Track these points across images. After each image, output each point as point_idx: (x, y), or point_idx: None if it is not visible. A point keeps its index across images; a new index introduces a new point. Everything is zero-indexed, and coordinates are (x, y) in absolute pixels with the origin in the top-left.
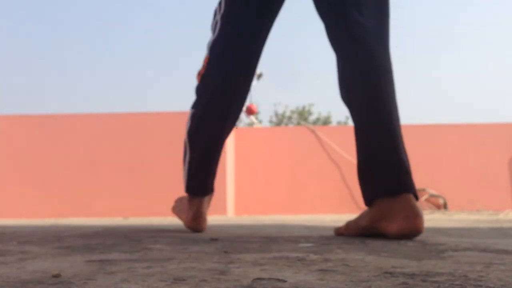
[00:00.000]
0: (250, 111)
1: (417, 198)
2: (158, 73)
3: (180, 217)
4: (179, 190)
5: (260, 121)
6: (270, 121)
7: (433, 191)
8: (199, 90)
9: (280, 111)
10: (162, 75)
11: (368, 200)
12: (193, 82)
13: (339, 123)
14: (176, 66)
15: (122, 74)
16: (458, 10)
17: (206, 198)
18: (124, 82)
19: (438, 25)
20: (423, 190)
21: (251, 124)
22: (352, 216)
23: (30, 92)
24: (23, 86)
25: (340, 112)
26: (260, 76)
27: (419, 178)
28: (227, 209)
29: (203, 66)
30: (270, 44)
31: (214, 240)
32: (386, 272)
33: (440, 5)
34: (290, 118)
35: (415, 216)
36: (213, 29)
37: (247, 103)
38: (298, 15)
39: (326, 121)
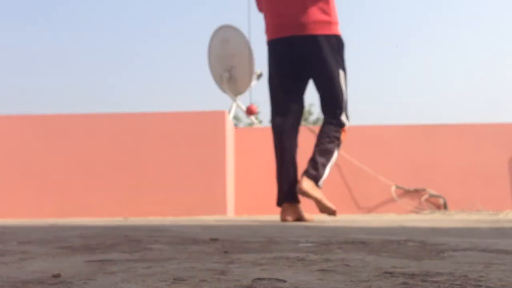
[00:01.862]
0: (250, 112)
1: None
2: (158, 73)
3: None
4: (179, 190)
5: (260, 121)
6: (270, 121)
7: (433, 191)
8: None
9: None
10: (162, 75)
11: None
12: (193, 82)
13: None
14: (176, 66)
15: (123, 74)
16: (460, 8)
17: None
18: (125, 82)
19: (434, 24)
20: (423, 190)
21: (251, 124)
22: (352, 216)
23: (30, 92)
24: (23, 86)
25: None
26: (260, 76)
27: (419, 178)
28: (227, 209)
29: None
30: None
31: (214, 240)
32: (386, 272)
33: (444, 3)
34: None
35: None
36: None
37: (247, 103)
38: None
39: None
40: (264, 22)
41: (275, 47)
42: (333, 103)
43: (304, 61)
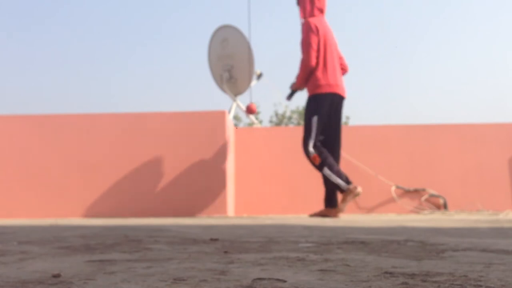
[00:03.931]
0: (250, 111)
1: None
2: (158, 73)
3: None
4: (179, 190)
5: (260, 121)
6: (270, 121)
7: (433, 191)
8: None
9: (280, 111)
10: (162, 75)
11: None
12: (193, 82)
13: None
14: (176, 66)
15: (123, 74)
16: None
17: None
18: (125, 82)
19: (435, 23)
20: (423, 190)
21: (251, 124)
22: (351, 216)
23: (30, 92)
24: (23, 86)
25: None
26: (260, 76)
27: (419, 178)
28: (227, 209)
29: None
30: (270, 44)
31: (214, 240)
32: (386, 272)
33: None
34: (290, 118)
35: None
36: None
37: (246, 101)
38: (298, 15)
39: None
40: (321, 77)
41: (332, 98)
42: (340, 143)
43: (337, 111)
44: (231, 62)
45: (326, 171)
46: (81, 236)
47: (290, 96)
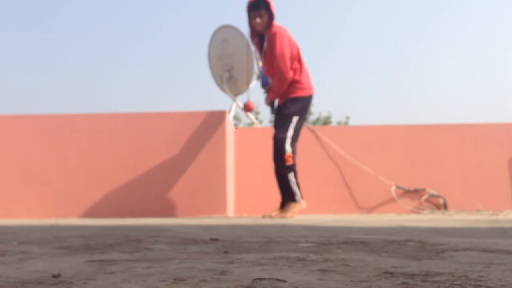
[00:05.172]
0: (247, 108)
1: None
2: (158, 73)
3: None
4: (179, 190)
5: (260, 121)
6: (270, 121)
7: (433, 191)
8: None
9: None
10: (162, 75)
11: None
12: (193, 82)
13: (339, 123)
14: (176, 66)
15: (123, 74)
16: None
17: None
18: (125, 82)
19: (434, 22)
20: (423, 190)
21: (251, 124)
22: (351, 216)
23: (30, 92)
24: (23, 86)
25: (340, 112)
26: (259, 76)
27: (419, 178)
28: (227, 209)
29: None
30: None
31: (214, 240)
32: (386, 272)
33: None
34: None
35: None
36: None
37: (245, 100)
38: (299, 15)
39: (326, 121)
40: (302, 81)
41: (310, 100)
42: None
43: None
44: (231, 62)
45: (292, 176)
46: (81, 236)
47: (273, 109)
